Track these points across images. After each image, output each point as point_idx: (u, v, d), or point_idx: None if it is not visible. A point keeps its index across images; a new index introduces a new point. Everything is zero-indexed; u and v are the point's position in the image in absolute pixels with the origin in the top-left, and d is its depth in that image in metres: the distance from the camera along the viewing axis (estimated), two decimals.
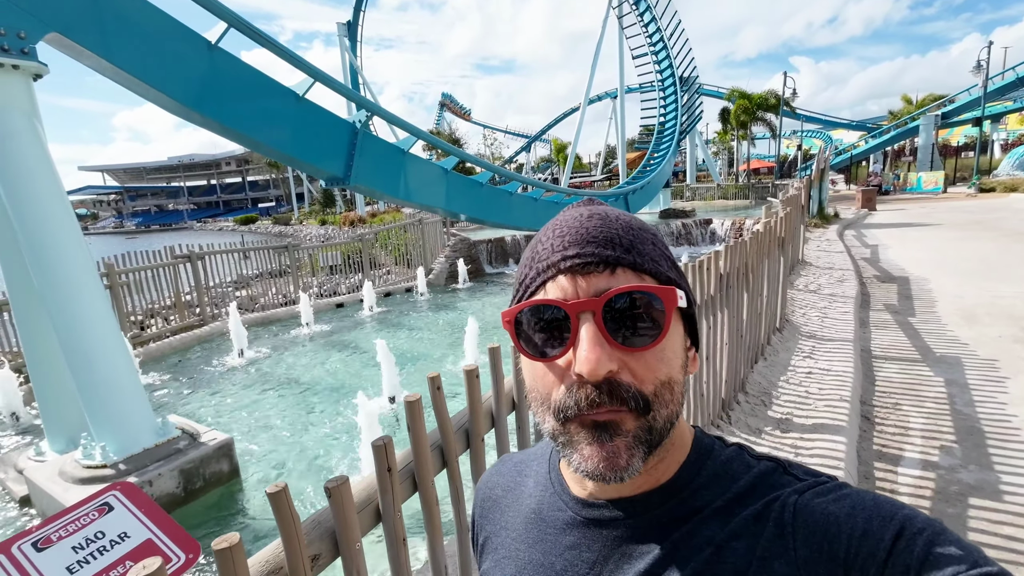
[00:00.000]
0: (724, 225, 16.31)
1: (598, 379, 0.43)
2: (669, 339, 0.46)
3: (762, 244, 4.32)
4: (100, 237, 64.06)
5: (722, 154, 48.48)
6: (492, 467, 0.68)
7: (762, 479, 0.48)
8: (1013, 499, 2.72)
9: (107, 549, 1.07)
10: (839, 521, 0.42)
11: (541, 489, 0.58)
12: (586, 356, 0.43)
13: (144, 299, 8.90)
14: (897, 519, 0.40)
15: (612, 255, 0.46)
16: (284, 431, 5.27)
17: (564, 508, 0.53)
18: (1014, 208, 15.53)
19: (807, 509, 0.43)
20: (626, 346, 0.44)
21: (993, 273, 7.50)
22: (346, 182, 8.20)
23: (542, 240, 0.50)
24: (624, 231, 0.48)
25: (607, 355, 0.43)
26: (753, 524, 0.45)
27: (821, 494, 0.44)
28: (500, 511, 0.61)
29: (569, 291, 0.46)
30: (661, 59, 28.38)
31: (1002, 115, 33.68)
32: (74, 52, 4.78)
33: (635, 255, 0.47)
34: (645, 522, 0.48)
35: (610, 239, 0.47)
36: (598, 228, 0.47)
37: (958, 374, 4.25)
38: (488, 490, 0.65)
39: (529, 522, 0.56)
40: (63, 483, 3.90)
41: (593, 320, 0.44)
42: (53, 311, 3.85)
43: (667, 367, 0.46)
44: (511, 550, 0.56)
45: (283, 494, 1.01)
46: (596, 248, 0.46)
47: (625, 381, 0.44)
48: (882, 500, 0.43)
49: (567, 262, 0.46)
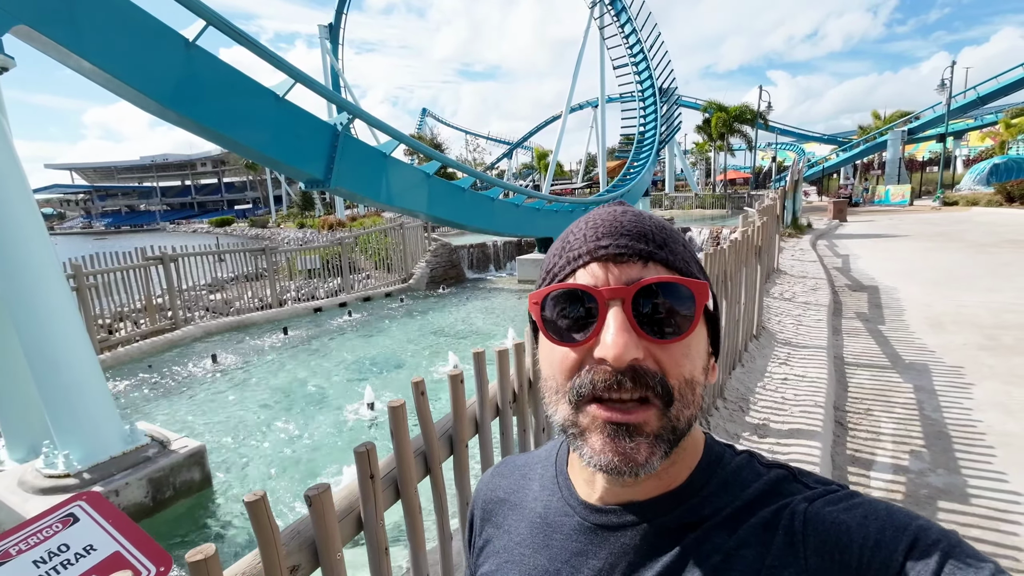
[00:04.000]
0: (702, 234, 16.59)
1: (622, 365, 0.42)
2: (696, 336, 0.46)
3: (740, 252, 4.39)
4: (67, 237, 61.94)
5: (700, 164, 49.42)
6: (494, 468, 0.67)
7: (772, 487, 0.47)
8: (979, 502, 2.81)
9: (71, 563, 1.01)
10: (851, 530, 0.41)
11: (547, 493, 0.56)
12: (613, 340, 0.42)
13: (113, 302, 8.61)
14: (911, 529, 0.39)
15: (646, 249, 0.46)
16: (259, 439, 5.13)
17: (571, 513, 0.52)
18: (976, 221, 16.17)
19: (818, 517, 0.43)
20: (654, 337, 0.44)
21: (958, 283, 7.78)
22: (326, 185, 8.09)
23: (574, 231, 0.50)
24: (658, 229, 0.48)
25: (634, 342, 0.43)
26: (763, 532, 0.44)
27: (832, 502, 0.44)
28: (503, 514, 0.60)
29: (600, 278, 0.45)
30: (641, 70, 28.86)
31: (964, 132, 35.18)
32: (43, 46, 4.62)
33: (668, 252, 0.47)
34: (654, 529, 0.47)
35: (644, 234, 0.47)
36: (632, 223, 0.48)
37: (926, 380, 4.39)
38: (490, 492, 0.63)
39: (534, 527, 0.55)
40: (23, 493, 3.71)
41: (622, 307, 0.44)
42: (15, 312, 3.69)
43: (691, 364, 0.45)
44: (514, 555, 0.55)
45: (261, 503, 0.98)
46: (630, 241, 0.46)
47: (651, 368, 0.43)
48: (895, 510, 0.42)
49: (601, 251, 0.46)
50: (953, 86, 24.50)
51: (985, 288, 7.32)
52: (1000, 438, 3.41)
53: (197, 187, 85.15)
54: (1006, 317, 5.92)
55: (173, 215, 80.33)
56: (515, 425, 1.87)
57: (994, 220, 16.07)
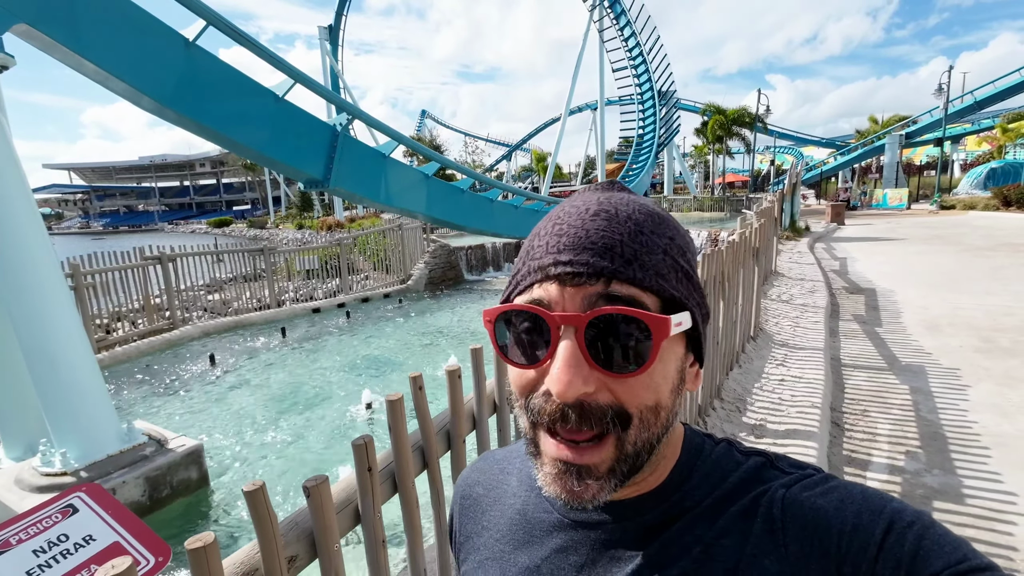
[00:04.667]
0: (700, 236, 16.62)
1: (568, 401, 0.40)
2: (659, 364, 0.42)
3: (738, 254, 4.41)
4: (65, 237, 61.77)
5: (698, 167, 49.53)
6: (472, 464, 0.66)
7: (751, 474, 0.47)
8: (974, 502, 2.82)
9: (71, 552, 1.02)
10: (828, 515, 0.41)
11: (526, 489, 0.56)
12: (558, 376, 0.40)
13: (111, 301, 8.60)
14: (886, 513, 0.40)
15: (608, 267, 0.41)
16: (256, 438, 5.13)
17: (551, 509, 0.52)
18: (973, 224, 16.23)
19: (795, 503, 0.43)
20: (607, 370, 0.41)
21: (955, 285, 7.81)
22: (325, 185, 8.11)
23: (540, 234, 0.45)
24: (631, 237, 0.42)
25: (582, 378, 0.40)
26: (742, 521, 0.44)
27: (808, 487, 0.44)
28: (481, 510, 0.59)
29: (555, 300, 0.42)
30: (640, 73, 28.98)
31: (961, 136, 35.32)
32: (43, 45, 4.63)
33: (636, 268, 0.41)
34: (635, 524, 0.47)
35: (610, 246, 0.42)
36: (599, 231, 0.42)
37: (922, 382, 4.40)
38: (468, 488, 0.62)
39: (514, 523, 0.54)
40: (19, 491, 3.71)
41: (574, 337, 0.40)
42: (14, 311, 3.69)
43: (654, 393, 0.42)
44: (495, 551, 0.54)
45: (260, 492, 0.99)
46: (591, 257, 0.41)
47: (604, 402, 0.41)
48: (870, 493, 0.42)
49: (557, 268, 0.42)
50: (951, 91, 24.62)
51: (981, 291, 7.35)
52: (995, 439, 3.42)
53: (196, 187, 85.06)
54: (1002, 320, 5.94)
55: (171, 215, 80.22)
56: (512, 421, 1.88)
57: (991, 224, 16.13)
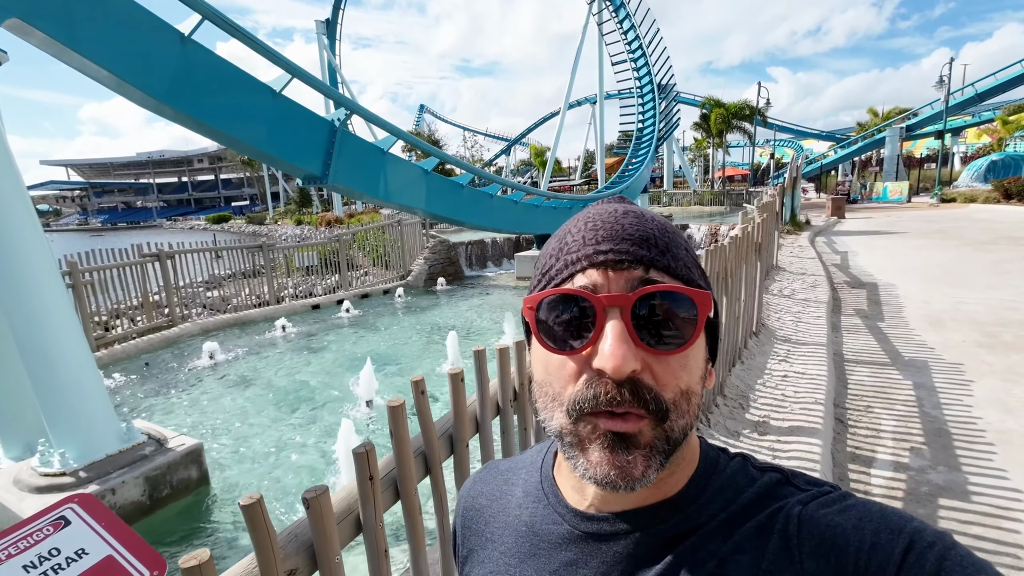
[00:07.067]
0: (700, 230, 16.57)
1: (621, 377, 0.41)
2: (695, 347, 0.44)
3: (740, 249, 4.38)
4: (63, 234, 61.68)
5: (698, 161, 49.38)
6: (475, 475, 0.65)
7: (767, 491, 0.47)
8: (980, 499, 2.80)
9: (62, 567, 0.98)
10: (846, 533, 0.41)
11: (532, 500, 0.55)
12: (611, 351, 0.41)
13: (109, 299, 8.56)
14: (906, 532, 0.39)
15: (647, 255, 0.44)
16: (256, 437, 5.11)
17: (560, 521, 0.50)
18: (974, 218, 16.19)
19: (812, 521, 0.42)
20: (652, 348, 0.42)
21: (956, 280, 7.78)
22: (324, 181, 8.04)
23: (571, 231, 0.48)
24: (660, 233, 0.46)
25: (632, 353, 0.41)
26: (757, 537, 0.43)
27: (825, 504, 0.43)
28: (485, 522, 0.58)
29: (599, 284, 0.44)
30: (640, 66, 28.75)
31: (962, 129, 35.22)
32: (37, 40, 4.57)
33: (670, 258, 0.45)
34: (648, 537, 0.46)
35: (646, 238, 0.45)
36: (634, 226, 0.46)
37: (926, 378, 4.38)
38: (471, 499, 0.62)
39: (520, 536, 0.53)
40: (18, 492, 3.68)
41: (621, 317, 0.42)
42: (10, 310, 3.65)
43: (689, 376, 0.44)
44: (500, 565, 0.53)
45: (257, 506, 0.96)
46: (631, 246, 0.44)
47: (647, 383, 0.42)
48: (889, 511, 0.42)
49: (600, 256, 0.44)
50: (952, 83, 24.49)
51: (984, 285, 7.32)
52: (1000, 435, 3.40)
53: (194, 184, 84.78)
54: (1005, 314, 5.92)
55: (170, 212, 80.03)
56: (516, 424, 1.85)
57: (992, 217, 16.10)
